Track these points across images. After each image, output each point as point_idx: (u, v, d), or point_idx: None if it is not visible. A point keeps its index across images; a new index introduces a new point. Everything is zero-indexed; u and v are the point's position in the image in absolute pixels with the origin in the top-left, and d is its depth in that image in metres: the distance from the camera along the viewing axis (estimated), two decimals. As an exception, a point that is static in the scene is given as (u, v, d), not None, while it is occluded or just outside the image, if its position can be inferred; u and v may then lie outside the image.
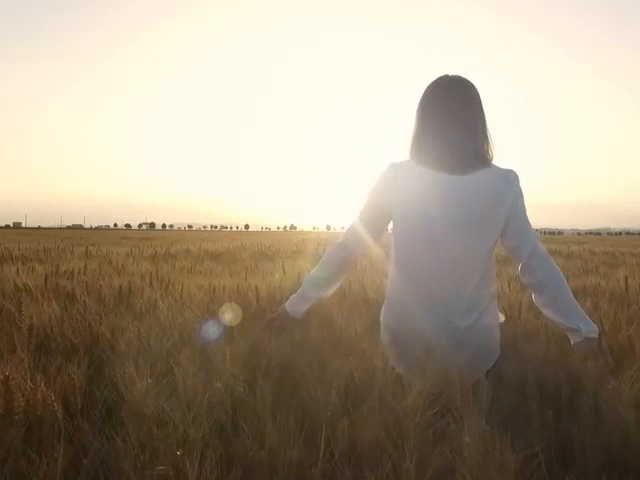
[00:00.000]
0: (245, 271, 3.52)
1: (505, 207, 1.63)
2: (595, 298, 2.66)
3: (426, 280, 1.66)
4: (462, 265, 1.65)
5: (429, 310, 1.63)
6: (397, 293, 1.73)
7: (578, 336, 1.55)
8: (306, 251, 7.02)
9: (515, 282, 3.44)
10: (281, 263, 3.21)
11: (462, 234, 1.63)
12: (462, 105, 1.69)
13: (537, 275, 1.63)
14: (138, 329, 1.39)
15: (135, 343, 1.32)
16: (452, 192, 1.64)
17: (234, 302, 1.94)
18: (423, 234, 1.65)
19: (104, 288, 2.43)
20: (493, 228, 1.65)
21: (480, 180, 1.65)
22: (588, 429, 1.13)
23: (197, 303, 1.95)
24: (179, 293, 2.14)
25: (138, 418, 0.92)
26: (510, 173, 1.69)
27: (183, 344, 1.34)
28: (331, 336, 1.65)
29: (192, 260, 4.94)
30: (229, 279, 2.99)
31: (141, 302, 1.89)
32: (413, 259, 1.69)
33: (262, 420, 1.00)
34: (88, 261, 4.26)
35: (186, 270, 3.86)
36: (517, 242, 1.65)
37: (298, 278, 2.62)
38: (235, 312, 1.69)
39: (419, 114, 1.74)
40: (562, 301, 1.61)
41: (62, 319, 1.58)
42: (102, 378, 1.16)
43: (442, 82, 1.74)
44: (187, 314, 1.69)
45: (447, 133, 1.67)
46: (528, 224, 1.68)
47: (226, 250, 6.88)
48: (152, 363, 1.13)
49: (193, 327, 1.54)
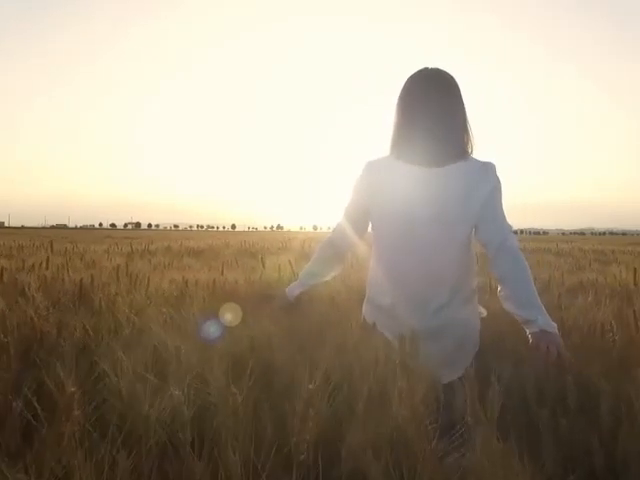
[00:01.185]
0: (224, 266, 3.31)
1: (479, 199, 1.62)
2: (595, 294, 2.50)
3: (404, 273, 1.67)
4: (439, 258, 1.65)
5: (407, 303, 1.64)
6: (376, 287, 1.74)
7: (535, 327, 1.51)
8: (291, 248, 6.81)
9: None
10: (260, 257, 3.01)
11: (437, 227, 1.64)
12: (440, 98, 1.67)
13: (503, 268, 1.62)
14: (83, 326, 1.19)
15: (80, 342, 1.12)
16: (428, 185, 1.63)
17: (207, 297, 1.74)
18: (400, 228, 1.67)
19: (66, 283, 2.22)
20: (467, 220, 1.64)
21: (457, 172, 1.64)
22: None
23: (165, 298, 1.75)
24: (146, 288, 1.93)
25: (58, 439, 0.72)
26: (488, 165, 1.68)
27: (137, 343, 1.14)
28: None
29: (171, 257, 4.72)
30: (206, 273, 2.79)
31: (100, 297, 1.68)
32: (391, 253, 1.70)
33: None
34: (60, 257, 4.03)
35: (162, 266, 3.64)
36: (488, 235, 1.64)
37: (278, 272, 2.44)
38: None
39: (398, 108, 1.73)
40: (524, 295, 1.57)
41: (3, 315, 1.37)
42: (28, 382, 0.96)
43: (421, 75, 1.72)
44: (150, 310, 1.49)
45: (425, 126, 1.65)
46: (501, 217, 1.66)
47: (209, 247, 6.65)
48: (92, 364, 0.93)
49: (154, 323, 1.34)
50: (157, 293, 1.84)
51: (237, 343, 1.16)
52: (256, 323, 1.31)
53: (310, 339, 1.31)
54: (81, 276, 2.27)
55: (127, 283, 2.32)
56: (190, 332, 1.23)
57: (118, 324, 1.34)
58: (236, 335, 1.21)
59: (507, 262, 1.61)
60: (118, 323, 1.34)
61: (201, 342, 1.10)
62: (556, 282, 3.27)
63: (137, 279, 2.32)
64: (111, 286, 1.99)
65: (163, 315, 1.41)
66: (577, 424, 1.09)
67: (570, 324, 1.74)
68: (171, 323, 1.34)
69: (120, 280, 2.28)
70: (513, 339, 1.66)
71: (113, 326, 1.30)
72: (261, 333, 1.25)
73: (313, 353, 1.11)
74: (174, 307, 1.54)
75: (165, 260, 4.05)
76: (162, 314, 1.42)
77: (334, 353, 1.13)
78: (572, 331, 1.64)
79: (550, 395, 1.17)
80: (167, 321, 1.36)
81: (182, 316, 1.38)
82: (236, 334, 1.22)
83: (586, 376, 1.19)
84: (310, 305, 1.88)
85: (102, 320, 1.39)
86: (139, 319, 1.38)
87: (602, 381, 1.14)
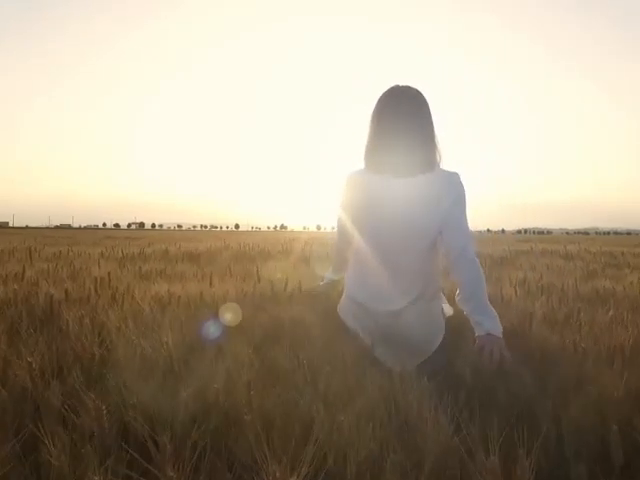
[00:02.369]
0: (217, 275, 3.11)
1: (442, 208, 1.74)
2: (616, 308, 2.29)
3: (374, 274, 1.83)
4: (404, 261, 1.80)
5: (377, 301, 1.82)
6: (353, 285, 1.91)
7: (482, 330, 1.65)
8: (292, 251, 6.61)
9: (522, 287, 3.08)
10: (261, 266, 2.78)
11: (401, 233, 1.77)
12: (410, 115, 1.79)
13: (460, 275, 1.76)
14: (29, 365, 0.99)
15: (19, 387, 0.93)
16: (397, 193, 1.76)
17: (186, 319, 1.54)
18: (368, 234, 1.82)
19: (40, 298, 2.03)
20: (430, 228, 1.77)
21: (423, 183, 1.75)
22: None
23: (141, 319, 1.56)
24: (121, 306, 1.72)
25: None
26: (453, 176, 1.80)
27: (91, 382, 0.94)
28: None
29: (165, 262, 4.52)
30: (196, 284, 2.60)
31: (68, 319, 1.49)
32: (361, 255, 1.86)
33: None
34: (48, 263, 3.84)
35: (154, 274, 3.45)
36: (450, 242, 1.76)
37: (271, 285, 2.24)
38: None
39: (372, 123, 1.85)
40: (477, 300, 1.71)
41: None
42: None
43: (393, 93, 1.84)
44: (119, 338, 1.29)
45: (395, 140, 1.77)
46: (464, 226, 1.78)
47: (207, 250, 6.44)
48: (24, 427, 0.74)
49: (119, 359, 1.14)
50: (134, 313, 1.65)
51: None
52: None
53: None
54: (63, 288, 2.08)
55: (107, 297, 2.13)
56: (160, 374, 1.04)
57: (75, 358, 1.14)
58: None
59: (465, 269, 1.75)
60: (76, 357, 1.15)
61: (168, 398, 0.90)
62: (571, 291, 3.07)
63: (118, 293, 2.12)
64: (85, 304, 1.79)
65: (132, 345, 1.21)
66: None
67: (600, 348, 1.54)
68: (141, 358, 1.14)
69: (100, 294, 2.09)
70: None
71: (69, 361, 1.11)
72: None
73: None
74: (149, 332, 1.35)
75: (158, 266, 3.86)
76: (132, 343, 1.22)
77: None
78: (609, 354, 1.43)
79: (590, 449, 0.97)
80: (137, 353, 1.16)
81: (154, 346, 1.18)
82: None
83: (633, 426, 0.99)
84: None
85: (55, 356, 1.19)
86: (103, 351, 1.19)
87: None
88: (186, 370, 1.11)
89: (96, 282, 2.20)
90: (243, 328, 1.47)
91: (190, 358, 1.15)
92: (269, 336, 1.44)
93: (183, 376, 1.06)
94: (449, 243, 1.77)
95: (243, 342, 1.25)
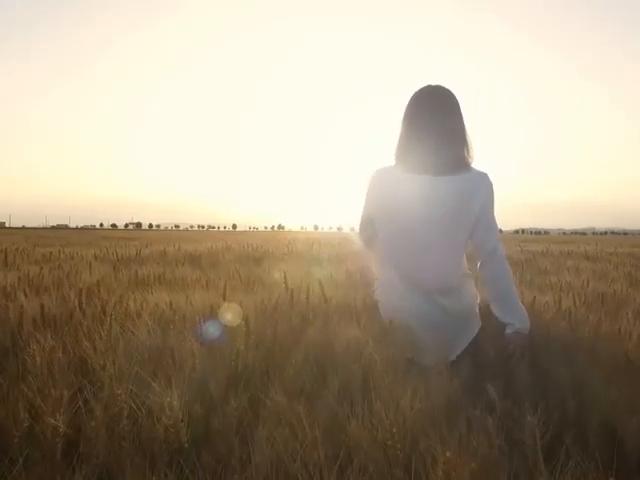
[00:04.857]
0: (224, 280, 2.66)
1: (476, 208, 1.77)
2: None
3: (407, 272, 1.85)
4: (436, 258, 1.81)
5: (412, 293, 1.84)
6: (384, 284, 1.91)
7: (511, 328, 1.75)
8: (298, 252, 6.18)
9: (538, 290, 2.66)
10: (282, 271, 2.29)
11: (437, 231, 1.79)
12: (443, 114, 1.82)
13: (492, 273, 1.81)
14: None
15: None
16: (431, 193, 1.77)
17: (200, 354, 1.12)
18: (402, 231, 1.84)
19: (11, 312, 1.61)
20: (464, 226, 1.80)
21: (457, 182, 1.78)
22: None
23: (136, 357, 1.14)
24: (109, 328, 1.29)
25: None
26: (484, 176, 1.82)
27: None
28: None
29: (164, 264, 4.09)
30: (202, 294, 2.17)
31: (34, 350, 1.07)
32: (394, 254, 1.88)
33: None
34: (34, 266, 3.42)
35: (151, 279, 3.02)
36: (481, 241, 1.81)
37: (304, 295, 1.81)
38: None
39: (405, 123, 1.87)
40: (507, 300, 1.79)
41: None
42: None
43: (425, 93, 1.87)
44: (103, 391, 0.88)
45: (430, 140, 1.79)
46: (494, 225, 1.83)
47: (207, 251, 6.01)
48: None
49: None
50: (125, 341, 1.23)
51: None
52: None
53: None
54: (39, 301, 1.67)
55: (95, 312, 1.72)
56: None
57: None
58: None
59: (496, 268, 1.81)
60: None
61: None
62: (617, 299, 2.68)
63: (108, 306, 1.71)
64: (65, 325, 1.38)
65: (118, 403, 0.80)
66: None
67: None
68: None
69: (85, 309, 1.67)
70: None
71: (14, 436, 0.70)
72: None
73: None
74: (145, 379, 0.93)
75: (156, 270, 3.43)
76: (117, 398, 0.81)
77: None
78: None
79: None
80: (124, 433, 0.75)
81: (151, 409, 0.77)
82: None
83: None
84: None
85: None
86: (71, 428, 0.78)
87: None
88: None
89: (81, 294, 1.77)
90: (290, 376, 1.05)
91: (214, 444, 0.73)
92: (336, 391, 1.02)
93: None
94: (481, 242, 1.81)
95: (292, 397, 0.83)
